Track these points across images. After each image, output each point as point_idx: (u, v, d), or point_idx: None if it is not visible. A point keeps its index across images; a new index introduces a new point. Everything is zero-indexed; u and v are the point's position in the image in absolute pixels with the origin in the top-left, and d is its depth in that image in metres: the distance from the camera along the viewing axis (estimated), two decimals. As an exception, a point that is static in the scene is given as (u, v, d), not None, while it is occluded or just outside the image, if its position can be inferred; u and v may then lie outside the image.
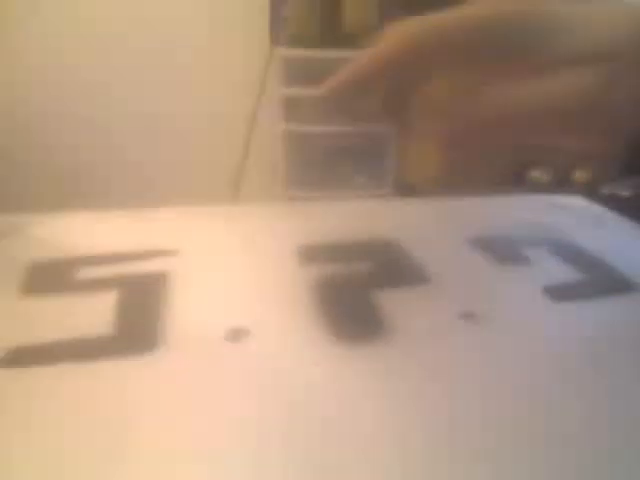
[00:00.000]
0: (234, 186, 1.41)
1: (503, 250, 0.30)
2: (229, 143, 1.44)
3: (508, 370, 0.20)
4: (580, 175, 1.06)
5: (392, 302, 0.24)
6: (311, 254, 0.29)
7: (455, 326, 0.23)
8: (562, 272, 0.28)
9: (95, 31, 1.42)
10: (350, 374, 0.20)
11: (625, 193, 0.93)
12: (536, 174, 1.19)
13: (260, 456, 0.16)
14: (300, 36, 1.31)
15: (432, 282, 0.26)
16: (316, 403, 0.19)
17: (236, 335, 0.22)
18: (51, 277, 0.27)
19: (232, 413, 0.18)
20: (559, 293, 0.26)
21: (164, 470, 0.16)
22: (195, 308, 0.24)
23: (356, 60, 0.21)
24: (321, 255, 0.29)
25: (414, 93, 0.21)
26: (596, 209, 0.39)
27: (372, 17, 1.31)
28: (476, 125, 0.19)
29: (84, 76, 1.43)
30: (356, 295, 0.25)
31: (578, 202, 0.40)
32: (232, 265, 0.28)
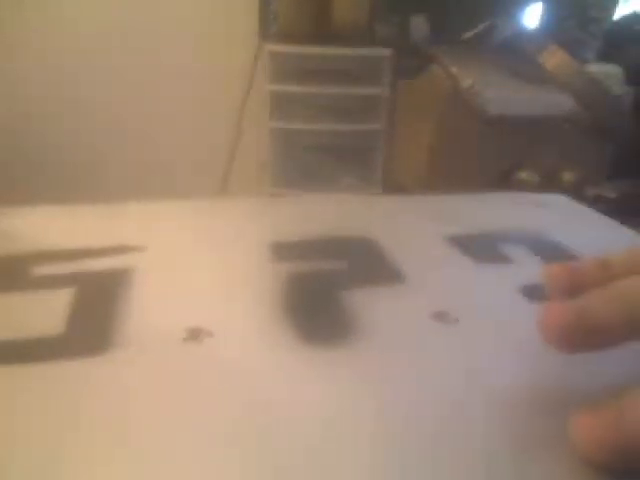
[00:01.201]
0: (221, 183, 1.39)
1: (482, 248, 0.29)
2: (216, 140, 1.42)
3: (480, 371, 0.20)
4: (567, 177, 1.07)
5: (363, 302, 0.23)
6: (283, 251, 0.28)
7: (427, 327, 0.22)
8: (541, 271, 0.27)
9: (85, 29, 1.40)
10: (314, 378, 0.19)
11: (611, 195, 0.93)
12: (523, 176, 1.19)
13: (219, 460, 0.15)
14: (289, 32, 1.29)
15: (406, 281, 0.25)
16: (278, 406, 0.18)
17: (196, 336, 0.21)
18: (5, 273, 0.25)
19: (188, 417, 0.17)
20: (537, 293, 0.25)
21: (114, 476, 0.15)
22: (155, 307, 0.23)
23: None
24: (294, 252, 0.28)
25: None
26: (578, 207, 0.38)
27: (362, 14, 1.30)
28: None
29: (75, 72, 1.41)
30: (326, 295, 0.24)
31: (560, 200, 0.39)
32: (200, 262, 0.27)
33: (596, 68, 1.14)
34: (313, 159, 1.30)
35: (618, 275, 0.20)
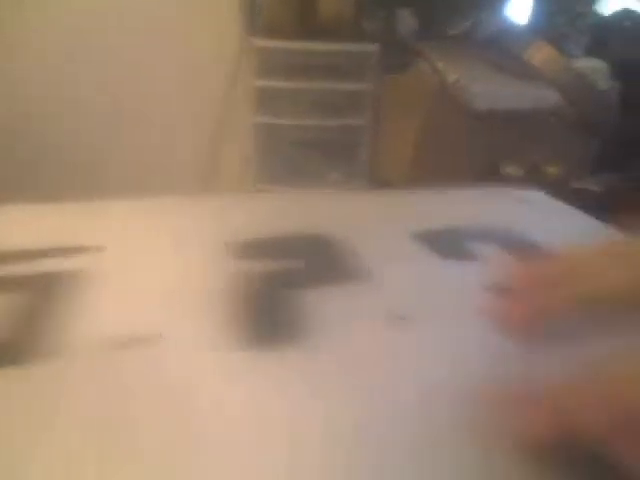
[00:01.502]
0: (204, 179, 1.38)
1: (449, 245, 0.28)
2: (200, 135, 1.41)
3: (436, 369, 0.19)
4: (551, 170, 1.07)
5: (318, 302, 0.23)
6: (242, 251, 0.27)
7: (382, 325, 0.21)
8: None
9: (85, 29, 1.38)
10: (263, 379, 0.18)
11: (596, 188, 0.93)
12: (509, 169, 1.18)
13: (164, 463, 0.15)
14: (275, 27, 1.28)
15: (366, 280, 0.25)
16: (226, 408, 0.17)
17: (144, 340, 0.20)
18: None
19: (127, 423, 0.16)
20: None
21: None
22: (104, 310, 0.22)
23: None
24: (253, 252, 0.27)
25: None
26: (557, 204, 0.38)
27: (348, 9, 1.29)
28: None
29: (75, 72, 1.40)
30: (281, 295, 0.23)
31: (537, 196, 0.39)
32: (156, 262, 0.26)
33: (582, 63, 1.14)
34: (298, 155, 1.29)
35: (580, 274, 0.20)
